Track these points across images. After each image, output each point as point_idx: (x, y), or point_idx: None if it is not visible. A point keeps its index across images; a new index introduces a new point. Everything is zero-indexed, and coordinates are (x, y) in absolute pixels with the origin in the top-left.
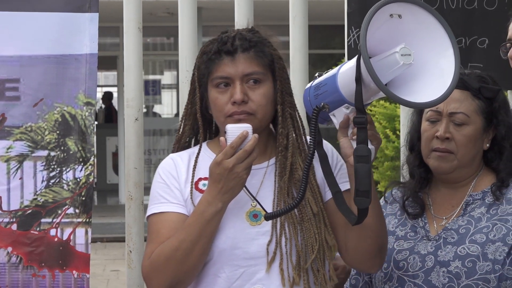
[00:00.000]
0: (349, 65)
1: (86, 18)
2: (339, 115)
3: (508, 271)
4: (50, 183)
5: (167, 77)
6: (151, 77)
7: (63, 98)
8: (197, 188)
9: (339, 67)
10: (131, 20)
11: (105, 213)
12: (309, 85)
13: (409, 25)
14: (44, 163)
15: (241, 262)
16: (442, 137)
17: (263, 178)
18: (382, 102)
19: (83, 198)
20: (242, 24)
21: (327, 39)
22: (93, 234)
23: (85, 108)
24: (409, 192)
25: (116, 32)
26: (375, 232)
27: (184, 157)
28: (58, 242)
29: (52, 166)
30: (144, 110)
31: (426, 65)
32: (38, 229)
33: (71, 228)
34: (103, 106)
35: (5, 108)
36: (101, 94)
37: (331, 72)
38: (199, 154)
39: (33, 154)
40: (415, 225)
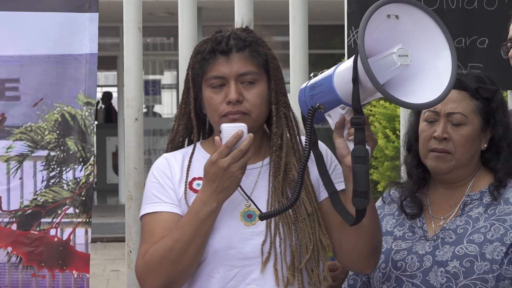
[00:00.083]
0: (346, 66)
1: (86, 18)
2: (335, 116)
3: (506, 271)
4: (50, 183)
5: (167, 77)
6: (151, 77)
7: (63, 98)
8: (191, 188)
9: (335, 68)
10: (131, 20)
11: (105, 213)
12: (304, 85)
13: (406, 26)
14: (44, 163)
15: (236, 262)
16: (440, 138)
17: (257, 178)
18: (382, 102)
19: (83, 198)
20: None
21: (327, 39)
22: (93, 234)
23: (85, 108)
24: (407, 193)
25: (116, 32)
26: (370, 233)
27: (178, 157)
28: (58, 242)
29: (52, 166)
30: (145, 110)
31: (423, 66)
32: (38, 229)
33: (71, 228)
34: (103, 106)
35: (5, 108)
36: (101, 94)
37: (327, 73)
38: (193, 154)
39: (33, 154)
40: (413, 225)
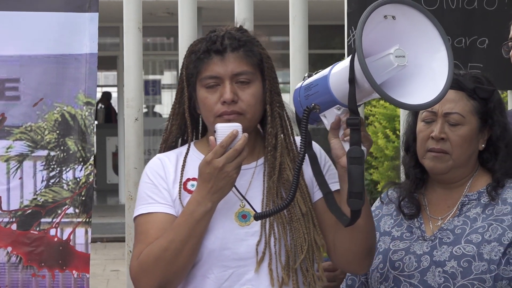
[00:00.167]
0: (342, 66)
1: (86, 18)
2: (330, 116)
3: (504, 271)
4: (50, 183)
5: (167, 77)
6: (151, 77)
7: (63, 98)
8: (186, 189)
9: (331, 68)
10: (131, 20)
11: (105, 213)
12: (299, 86)
13: (403, 27)
14: (44, 163)
15: (230, 263)
16: (437, 138)
17: (252, 179)
18: (382, 102)
19: (83, 198)
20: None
21: (327, 39)
22: (93, 234)
23: (85, 108)
24: (405, 193)
25: (116, 32)
26: (365, 234)
27: (172, 158)
28: (58, 242)
29: (52, 166)
30: (145, 110)
31: (420, 67)
32: (38, 229)
33: (71, 228)
34: (102, 106)
35: (5, 108)
36: (100, 94)
37: (322, 73)
38: (187, 154)
39: (33, 154)
40: (411, 226)
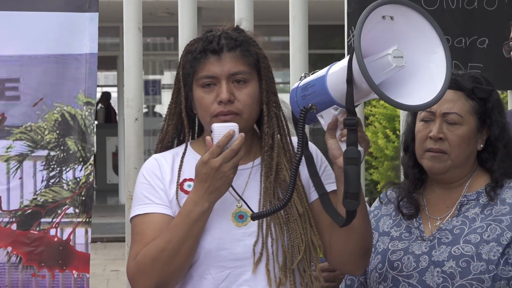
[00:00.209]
0: (339, 66)
1: (86, 18)
2: (327, 116)
3: (502, 271)
4: (50, 183)
5: (167, 77)
6: (151, 77)
7: (63, 98)
8: (182, 189)
9: (328, 68)
10: (131, 20)
11: (105, 213)
12: (296, 86)
13: (401, 27)
14: (44, 163)
15: (227, 263)
16: (435, 137)
17: (248, 179)
18: (382, 102)
19: (83, 198)
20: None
21: (327, 39)
22: (93, 234)
23: (85, 108)
24: (404, 193)
25: (116, 32)
26: (361, 234)
27: (168, 158)
28: (58, 242)
29: (52, 166)
30: (145, 110)
31: (418, 68)
32: (38, 229)
33: (71, 228)
34: (102, 106)
35: (5, 108)
36: (99, 94)
37: (320, 73)
38: (185, 153)
39: (33, 154)
40: (410, 226)
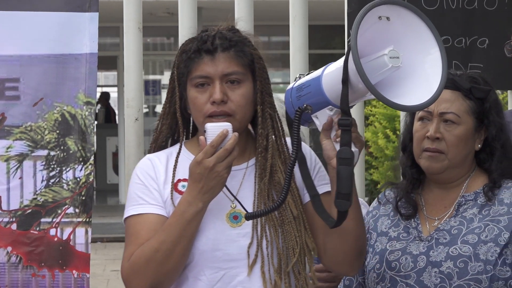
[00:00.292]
0: (335, 67)
1: (86, 18)
2: (322, 117)
3: (500, 272)
4: (50, 183)
5: (167, 77)
6: (151, 77)
7: (63, 98)
8: (177, 190)
9: (324, 69)
10: (131, 20)
11: (105, 213)
12: (291, 86)
13: (397, 28)
14: (44, 163)
15: (222, 264)
16: (433, 137)
17: (242, 180)
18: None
19: (83, 198)
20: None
21: (327, 39)
22: (93, 234)
23: (85, 108)
24: (402, 193)
25: (116, 32)
26: (355, 235)
27: (162, 158)
28: (58, 242)
29: (52, 166)
30: (145, 110)
31: (414, 68)
32: (38, 229)
33: (71, 228)
34: (101, 107)
35: (5, 108)
36: (98, 95)
37: (315, 74)
38: (179, 153)
39: (33, 154)
40: (408, 226)
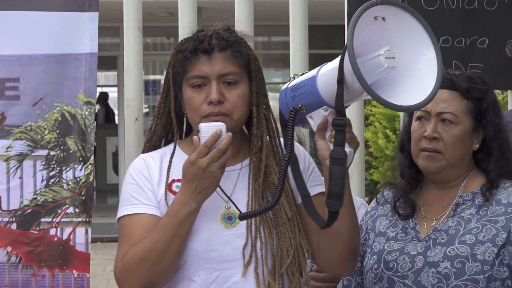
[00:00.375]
0: (330, 67)
1: (86, 18)
2: (317, 117)
3: (497, 272)
4: (50, 183)
5: None
6: (151, 77)
7: (63, 98)
8: (171, 191)
9: (318, 69)
10: (131, 20)
11: (105, 213)
12: (285, 87)
13: (393, 28)
14: (44, 163)
15: (216, 265)
16: (430, 137)
17: (237, 181)
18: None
19: (83, 198)
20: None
21: (327, 39)
22: (93, 234)
23: (85, 108)
24: (400, 193)
25: (116, 32)
26: (348, 236)
27: (156, 158)
28: (58, 242)
29: (52, 166)
30: (145, 110)
31: (409, 68)
32: (38, 229)
33: (71, 228)
34: (100, 107)
35: (5, 107)
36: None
37: (310, 74)
38: (174, 153)
39: (33, 154)
40: (406, 226)
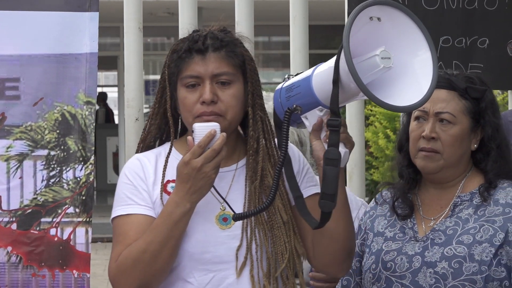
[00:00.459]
0: (325, 67)
1: (86, 17)
2: (312, 118)
3: (495, 272)
4: (50, 183)
5: None
6: (151, 77)
7: (63, 97)
8: (166, 191)
9: (314, 69)
10: (132, 20)
11: (106, 213)
12: (280, 87)
13: (388, 29)
14: (44, 163)
15: (211, 267)
16: (428, 137)
17: (232, 182)
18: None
19: (83, 198)
20: (242, 24)
21: (327, 39)
22: (94, 234)
23: (85, 108)
24: (399, 193)
25: (117, 32)
26: (343, 237)
27: (151, 158)
28: (58, 242)
29: (52, 166)
30: (146, 110)
31: (405, 69)
32: (38, 229)
33: (71, 228)
34: (98, 107)
35: (5, 107)
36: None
37: (305, 74)
38: (170, 154)
39: (33, 154)
40: (404, 226)
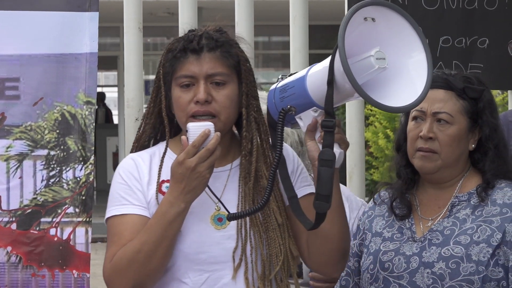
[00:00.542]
0: (320, 67)
1: (86, 17)
2: (306, 118)
3: (492, 273)
4: (50, 182)
5: None
6: (151, 77)
7: (63, 97)
8: (161, 191)
9: (308, 69)
10: (131, 20)
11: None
12: (274, 87)
13: (383, 29)
14: (44, 162)
15: (206, 267)
16: (426, 137)
17: (227, 182)
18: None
19: (83, 198)
20: (242, 24)
21: (327, 39)
22: (94, 234)
23: (85, 107)
24: (397, 193)
25: (117, 32)
26: (338, 238)
27: (145, 158)
28: (58, 242)
29: (52, 165)
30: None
31: (399, 69)
32: (38, 229)
33: (71, 228)
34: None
35: (5, 107)
36: None
37: (299, 74)
38: (165, 154)
39: (33, 153)
40: (402, 227)
